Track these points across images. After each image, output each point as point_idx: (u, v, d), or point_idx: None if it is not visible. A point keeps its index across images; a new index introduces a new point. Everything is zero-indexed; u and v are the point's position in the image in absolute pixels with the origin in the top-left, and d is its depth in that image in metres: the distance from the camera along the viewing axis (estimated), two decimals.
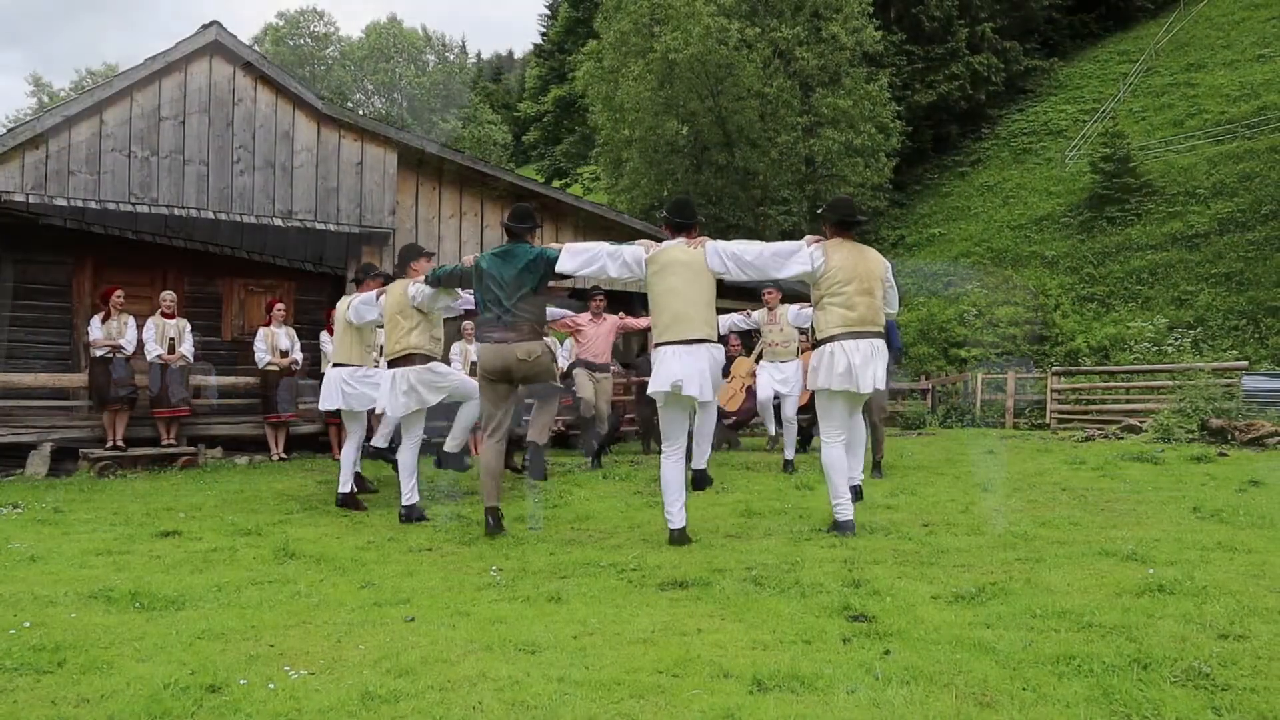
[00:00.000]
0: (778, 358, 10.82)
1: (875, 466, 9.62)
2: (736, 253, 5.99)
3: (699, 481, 6.62)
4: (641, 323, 11.23)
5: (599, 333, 11.02)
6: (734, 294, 13.65)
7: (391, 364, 7.35)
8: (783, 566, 5.08)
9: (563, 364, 11.95)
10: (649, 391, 6.08)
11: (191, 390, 11.57)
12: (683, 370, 5.82)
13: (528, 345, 6.35)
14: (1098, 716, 2.89)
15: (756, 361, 12.25)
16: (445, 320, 7.91)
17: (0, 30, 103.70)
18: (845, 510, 6.13)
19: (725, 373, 11.98)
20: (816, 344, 6.20)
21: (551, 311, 8.70)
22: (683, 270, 5.97)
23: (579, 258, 6.28)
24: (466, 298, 7.41)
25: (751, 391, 12.59)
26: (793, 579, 4.74)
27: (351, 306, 8.04)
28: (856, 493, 6.79)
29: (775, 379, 10.77)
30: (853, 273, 6.02)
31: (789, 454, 10.39)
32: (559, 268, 6.31)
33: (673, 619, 4.09)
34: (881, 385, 6.10)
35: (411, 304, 7.21)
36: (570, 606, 4.38)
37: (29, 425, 11.06)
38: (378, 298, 7.76)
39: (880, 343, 6.09)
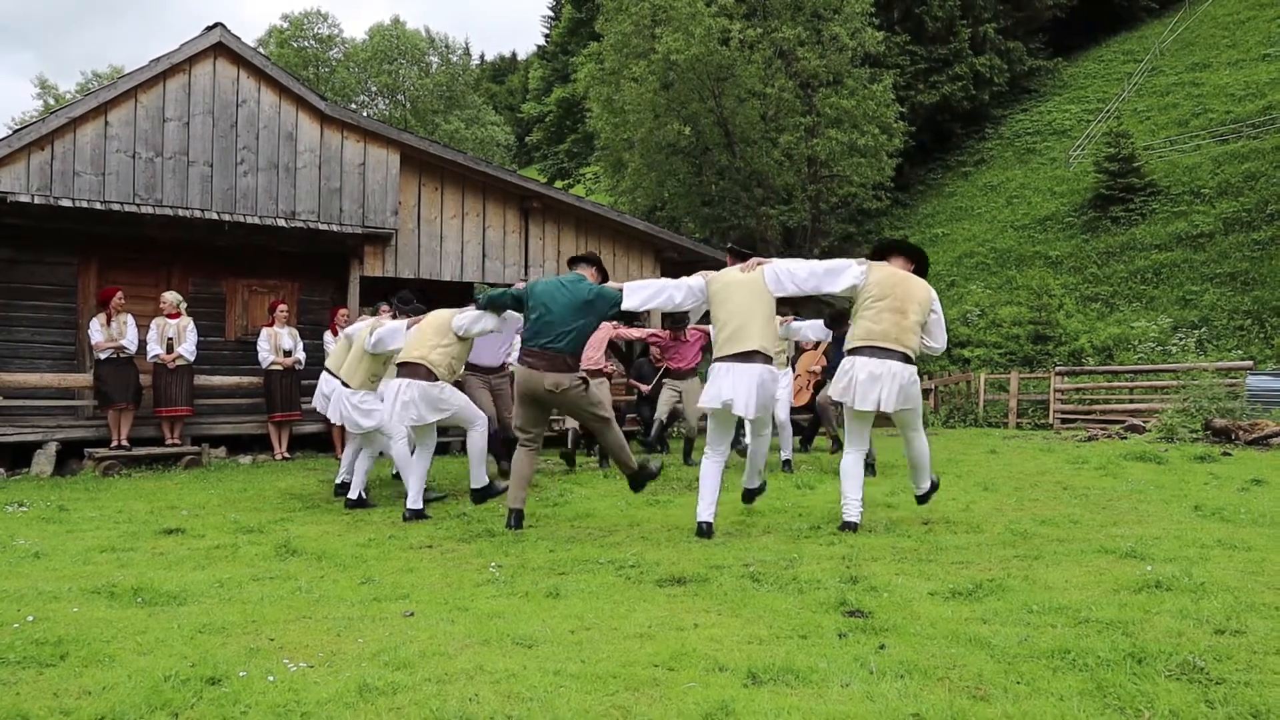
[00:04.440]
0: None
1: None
2: (791, 270, 6.30)
3: (748, 497, 7.07)
4: (635, 333, 11.50)
5: (592, 340, 11.03)
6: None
7: (400, 368, 7.37)
8: (780, 563, 5.11)
9: None
10: (700, 404, 6.33)
11: (190, 390, 11.57)
12: (733, 389, 6.10)
13: (555, 377, 6.45)
14: (1091, 710, 2.90)
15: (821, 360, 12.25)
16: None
17: (14, 32, 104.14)
18: (850, 512, 6.30)
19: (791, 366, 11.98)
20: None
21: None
22: (741, 290, 6.29)
23: (642, 293, 6.52)
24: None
25: (819, 387, 12.49)
26: (790, 575, 4.77)
27: (376, 335, 7.92)
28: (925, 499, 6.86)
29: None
30: (888, 290, 6.20)
31: (785, 454, 10.47)
32: (625, 306, 6.52)
33: (670, 614, 4.11)
34: (889, 408, 6.13)
35: (458, 334, 7.30)
36: (568, 602, 4.40)
37: (34, 425, 11.10)
38: (408, 328, 7.76)
39: (897, 365, 6.11)
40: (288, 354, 11.97)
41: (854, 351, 6.21)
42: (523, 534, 6.46)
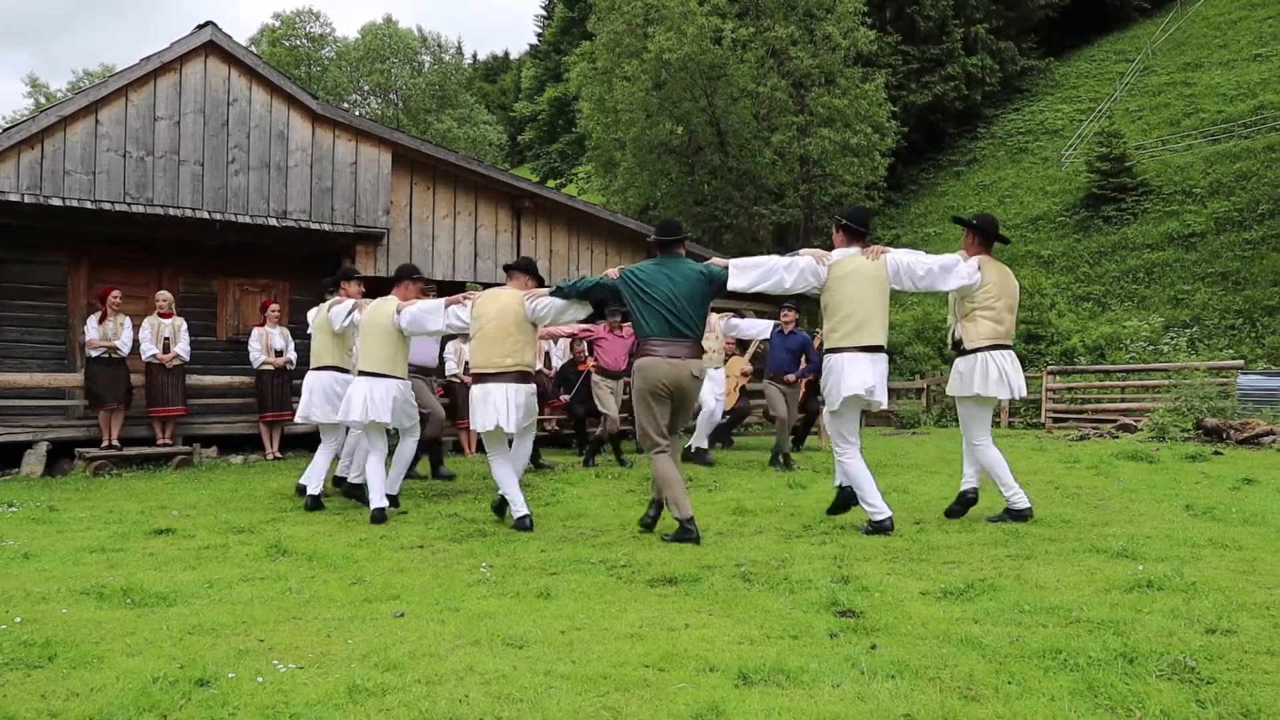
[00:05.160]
0: (710, 364, 11.00)
1: (776, 459, 10.60)
2: (910, 264, 6.29)
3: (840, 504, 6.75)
4: (565, 330, 10.83)
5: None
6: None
7: (479, 378, 6.84)
8: (772, 563, 5.11)
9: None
10: (846, 393, 6.05)
11: (184, 390, 11.54)
12: (874, 377, 6.06)
13: (699, 363, 6.21)
14: (1082, 710, 2.90)
15: (751, 361, 12.38)
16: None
17: (8, 32, 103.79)
18: (1020, 500, 6.47)
19: None
20: (960, 354, 6.52)
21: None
22: (865, 279, 6.16)
23: (751, 273, 6.25)
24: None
25: (745, 390, 12.70)
26: (782, 575, 4.76)
27: (410, 315, 7.36)
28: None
29: (709, 387, 11.00)
30: (1003, 289, 6.51)
31: (700, 442, 11.04)
32: (731, 285, 6.24)
33: (661, 614, 4.11)
34: (1022, 394, 6.52)
35: (531, 318, 6.77)
36: (559, 602, 4.39)
37: (25, 424, 11.06)
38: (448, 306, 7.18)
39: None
40: (279, 354, 11.94)
41: (986, 349, 6.38)
42: (514, 534, 6.45)
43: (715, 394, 11.19)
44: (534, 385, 6.95)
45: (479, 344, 6.81)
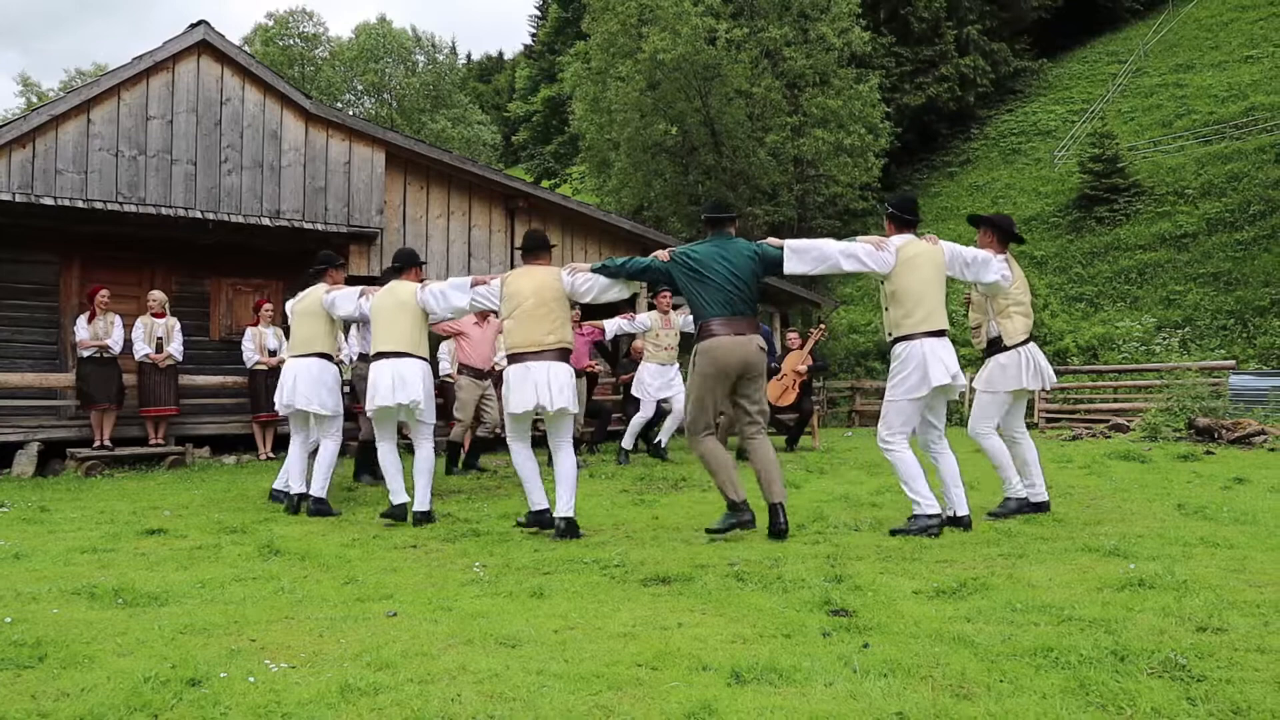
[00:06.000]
0: (668, 361, 10.98)
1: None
2: (961, 253, 6.32)
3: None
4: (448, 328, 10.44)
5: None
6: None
7: (518, 357, 6.45)
8: (765, 562, 5.11)
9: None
10: (936, 383, 5.93)
11: (176, 390, 11.52)
12: (954, 363, 6.06)
13: (759, 339, 6.15)
14: (1073, 707, 2.90)
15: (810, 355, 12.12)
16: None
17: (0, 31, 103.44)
18: (1041, 493, 6.72)
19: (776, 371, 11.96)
20: (1000, 349, 6.67)
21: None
22: (930, 263, 6.13)
23: (808, 256, 6.12)
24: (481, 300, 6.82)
25: (806, 388, 12.35)
26: (775, 574, 4.76)
27: (434, 291, 7.02)
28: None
29: (661, 383, 11.00)
30: (1026, 285, 6.83)
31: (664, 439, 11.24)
32: (787, 269, 6.13)
33: (654, 614, 4.10)
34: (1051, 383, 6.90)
35: (569, 294, 6.51)
36: (552, 602, 4.39)
37: (16, 425, 11.03)
38: (472, 284, 6.84)
39: None
40: (272, 353, 11.92)
41: (1024, 344, 6.63)
42: (507, 533, 6.45)
43: (671, 394, 11.04)
44: (573, 368, 6.62)
45: (517, 323, 6.42)
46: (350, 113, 33.12)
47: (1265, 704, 2.87)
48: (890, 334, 6.20)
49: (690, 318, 6.26)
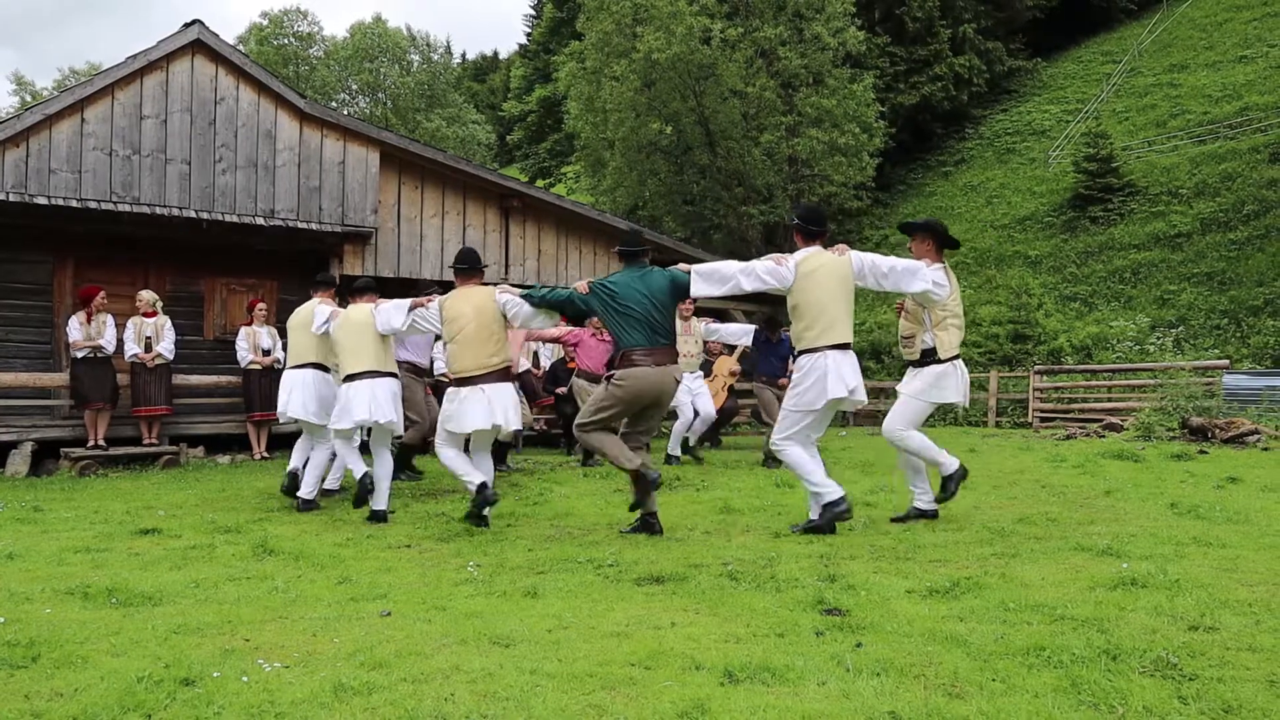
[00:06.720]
0: (688, 369, 11.00)
1: (767, 459, 10.30)
2: (876, 263, 6.22)
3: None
4: (552, 333, 10.88)
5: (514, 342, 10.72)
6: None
7: (467, 380, 6.65)
8: (759, 562, 5.12)
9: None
10: (832, 395, 5.96)
11: (169, 390, 11.48)
12: (855, 377, 6.04)
13: (678, 368, 6.32)
14: (1065, 706, 2.91)
15: (739, 361, 12.39)
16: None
17: None
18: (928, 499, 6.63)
19: (707, 372, 12.10)
20: (934, 361, 6.48)
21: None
22: (832, 276, 6.10)
23: (713, 279, 6.23)
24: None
25: (733, 390, 12.71)
26: (768, 574, 4.77)
27: (380, 310, 7.38)
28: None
29: (686, 388, 10.99)
30: (959, 295, 6.55)
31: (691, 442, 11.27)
32: (693, 292, 6.24)
33: (647, 613, 4.11)
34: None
35: (504, 310, 6.70)
36: (546, 601, 4.39)
37: (9, 424, 11.01)
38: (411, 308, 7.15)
39: None
40: (266, 353, 11.91)
41: (958, 358, 6.50)
42: (501, 533, 6.45)
43: (693, 398, 11.14)
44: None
45: (462, 347, 6.65)
46: (345, 112, 33.13)
47: (1256, 702, 2.89)
48: (795, 347, 6.32)
49: (712, 325, 6.35)
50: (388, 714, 2.93)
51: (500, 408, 6.55)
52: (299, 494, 7.87)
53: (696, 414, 11.18)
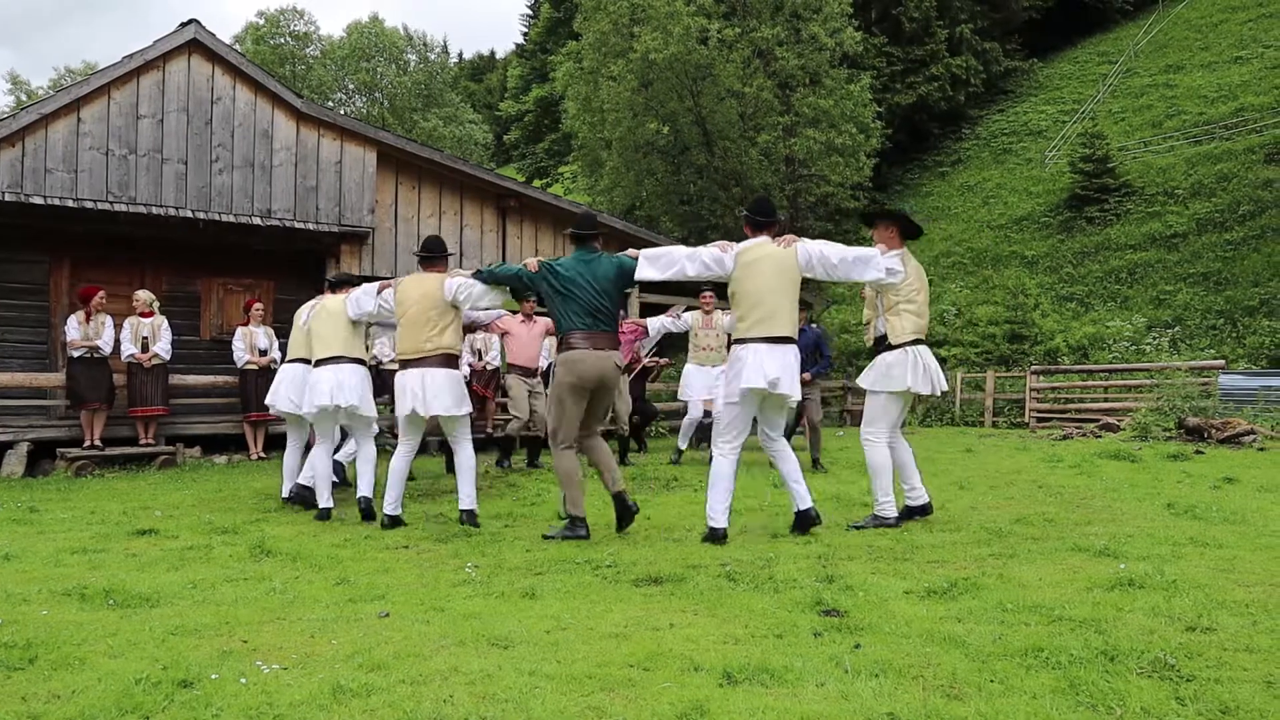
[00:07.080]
0: (709, 363, 10.94)
1: (815, 463, 10.35)
2: (824, 254, 6.09)
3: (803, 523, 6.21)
4: (482, 319, 10.69)
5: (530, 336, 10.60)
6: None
7: (407, 363, 6.77)
8: (757, 563, 5.12)
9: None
10: (744, 386, 5.86)
11: (165, 390, 11.47)
12: (779, 369, 5.85)
13: (619, 354, 6.32)
14: (1063, 707, 2.91)
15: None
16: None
17: None
18: (890, 508, 6.43)
19: None
20: (885, 348, 6.41)
21: (488, 313, 8.26)
22: (774, 267, 6.00)
23: (659, 263, 6.22)
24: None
25: None
26: (766, 575, 4.77)
27: (352, 297, 7.46)
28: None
29: (704, 384, 10.91)
30: (922, 283, 6.45)
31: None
32: (639, 275, 6.23)
33: (646, 614, 4.11)
34: (944, 389, 6.52)
35: (446, 296, 6.73)
36: (544, 602, 4.39)
37: (5, 424, 10.99)
38: (380, 291, 7.24)
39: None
40: (263, 353, 11.89)
41: (913, 344, 6.35)
42: (499, 534, 6.45)
43: (708, 393, 11.02)
44: (459, 372, 6.93)
45: (403, 330, 6.82)
46: (342, 112, 33.10)
47: (1253, 703, 2.89)
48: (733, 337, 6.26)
49: (733, 318, 6.36)
50: (386, 716, 2.92)
51: (420, 393, 6.63)
52: (361, 494, 7.38)
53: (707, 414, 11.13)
